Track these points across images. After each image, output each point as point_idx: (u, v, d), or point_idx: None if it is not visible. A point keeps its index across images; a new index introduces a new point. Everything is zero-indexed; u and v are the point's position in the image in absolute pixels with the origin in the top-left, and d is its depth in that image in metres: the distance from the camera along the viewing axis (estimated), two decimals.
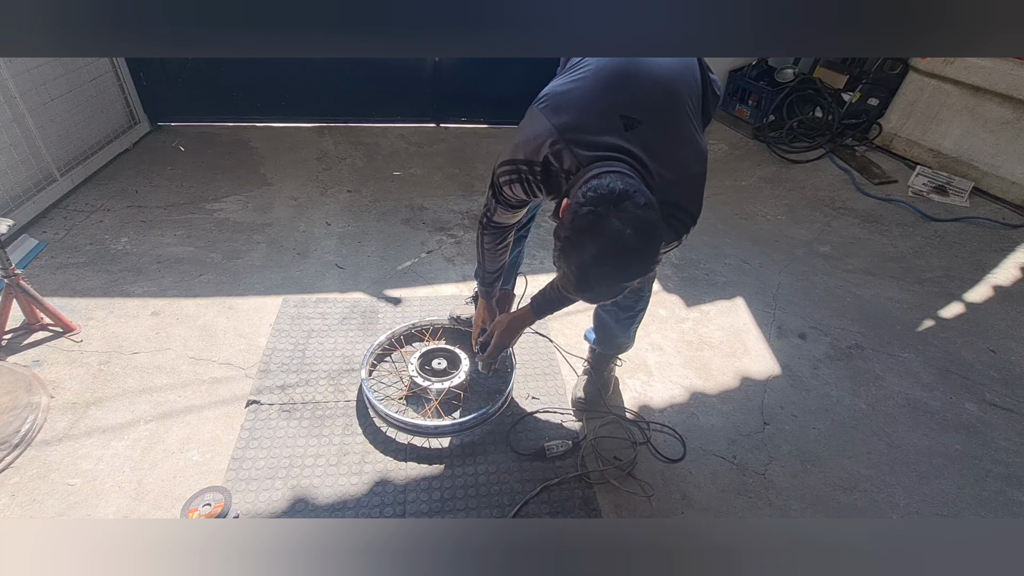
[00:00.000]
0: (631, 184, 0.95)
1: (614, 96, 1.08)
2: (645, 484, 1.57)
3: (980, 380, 2.00)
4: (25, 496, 1.40)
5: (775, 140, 3.67)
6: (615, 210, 0.92)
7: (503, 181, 1.18)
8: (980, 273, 2.59)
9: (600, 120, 1.06)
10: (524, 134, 1.13)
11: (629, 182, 0.95)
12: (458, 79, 3.59)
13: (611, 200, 0.92)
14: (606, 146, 1.04)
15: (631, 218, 0.92)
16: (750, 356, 2.04)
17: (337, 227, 2.59)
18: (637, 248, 0.94)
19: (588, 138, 1.05)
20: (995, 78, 3.03)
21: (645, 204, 0.94)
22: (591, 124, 1.06)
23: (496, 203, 1.27)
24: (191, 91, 3.33)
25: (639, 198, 0.93)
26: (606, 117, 1.06)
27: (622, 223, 0.91)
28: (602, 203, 0.92)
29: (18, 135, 2.33)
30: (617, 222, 0.91)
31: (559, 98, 1.11)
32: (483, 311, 1.65)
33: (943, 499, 1.60)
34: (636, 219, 0.92)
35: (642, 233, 0.93)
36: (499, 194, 1.23)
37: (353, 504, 1.45)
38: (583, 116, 1.07)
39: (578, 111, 1.08)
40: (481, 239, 1.42)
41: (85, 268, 2.16)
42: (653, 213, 0.95)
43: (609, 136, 1.05)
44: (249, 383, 1.75)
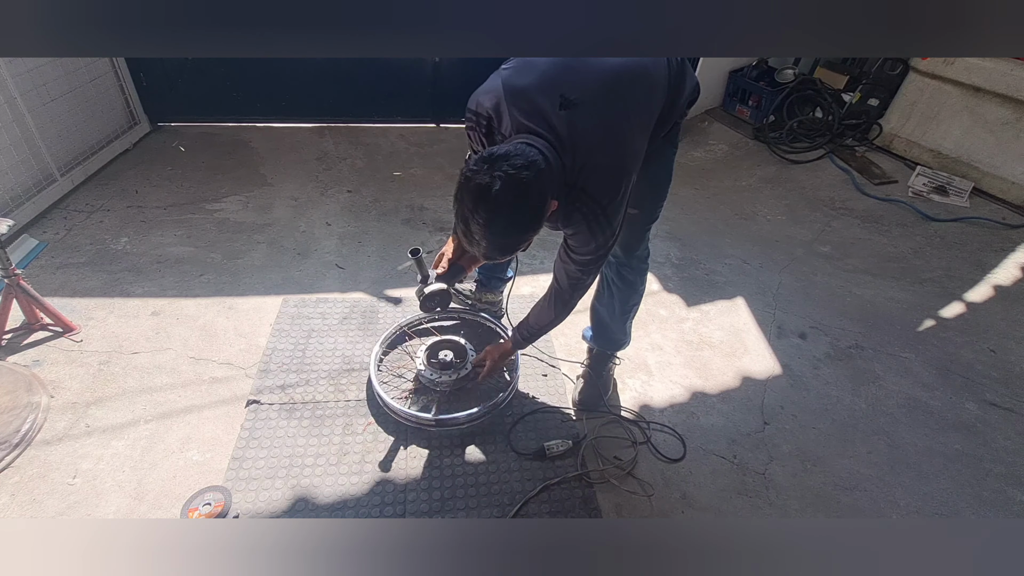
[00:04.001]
0: (518, 148, 1.02)
1: (562, 75, 1.13)
2: (645, 484, 1.57)
3: (980, 380, 2.00)
4: (25, 496, 1.40)
5: (775, 140, 3.67)
6: (489, 168, 1.00)
7: (466, 125, 1.26)
8: (980, 273, 2.59)
9: (541, 93, 1.12)
10: (482, 88, 1.21)
11: (518, 148, 1.03)
12: (458, 79, 3.59)
13: (490, 160, 1.01)
14: (536, 117, 1.10)
15: (502, 176, 0.99)
16: (750, 356, 2.04)
17: (337, 227, 2.59)
18: (505, 203, 1.01)
19: (525, 105, 1.12)
20: (995, 78, 3.03)
21: (521, 165, 1.00)
22: (532, 94, 1.12)
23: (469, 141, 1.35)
24: (191, 91, 3.32)
25: (517, 160, 1.00)
26: (547, 92, 1.11)
27: (492, 179, 0.99)
28: (482, 161, 1.01)
29: (18, 135, 2.33)
30: (488, 178, 1.00)
31: (521, 65, 1.17)
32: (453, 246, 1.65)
33: (943, 499, 1.60)
34: (507, 176, 0.99)
35: (510, 188, 1.00)
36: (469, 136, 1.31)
37: (353, 504, 1.45)
38: (529, 85, 1.13)
39: (528, 80, 1.13)
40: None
41: (85, 268, 2.16)
42: (527, 173, 1.01)
43: (542, 109, 1.10)
44: (249, 383, 1.75)
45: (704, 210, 3.00)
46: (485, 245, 1.08)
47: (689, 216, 2.90)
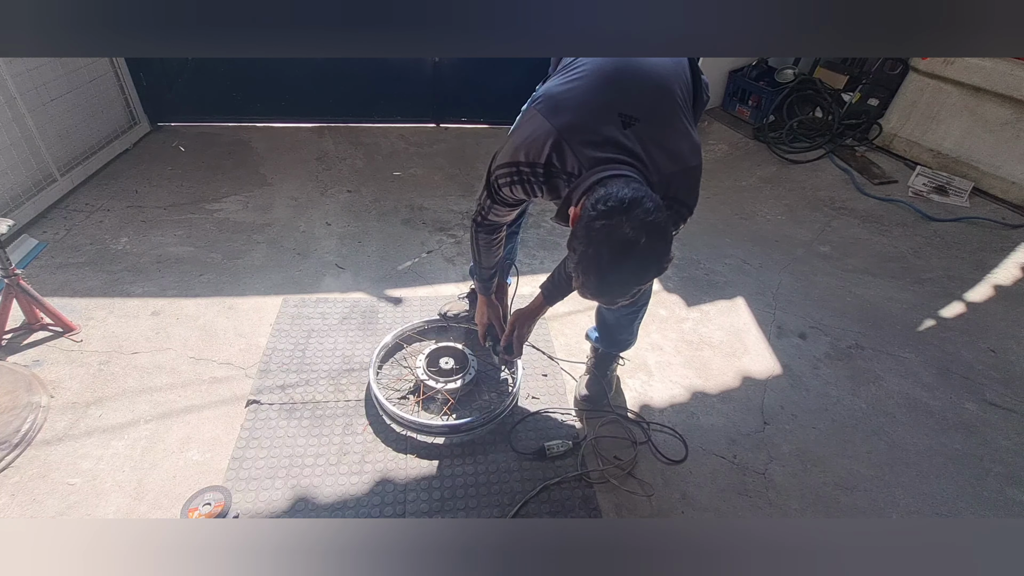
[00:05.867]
0: (638, 190, 0.97)
1: (611, 95, 1.09)
2: (645, 484, 1.57)
3: (980, 380, 2.00)
4: (25, 496, 1.40)
5: (775, 140, 3.67)
6: (627, 219, 0.94)
7: (502, 183, 1.18)
8: (980, 273, 2.59)
9: (599, 119, 1.07)
10: (522, 135, 1.14)
11: (635, 187, 0.98)
12: (458, 79, 3.59)
13: (622, 210, 0.94)
14: (607, 145, 1.05)
15: (642, 224, 0.94)
16: (750, 356, 2.04)
17: (337, 227, 2.59)
18: (651, 252, 0.96)
19: (589, 137, 1.06)
20: (995, 78, 3.03)
21: (654, 208, 0.96)
22: (590, 124, 1.07)
23: (492, 202, 1.28)
24: (191, 91, 3.32)
25: (648, 203, 0.95)
26: (604, 116, 1.07)
27: (635, 231, 0.94)
28: (614, 214, 0.94)
29: (18, 135, 2.33)
30: (630, 231, 0.94)
31: (557, 99, 1.12)
32: (483, 307, 1.65)
33: (943, 499, 1.60)
34: (647, 225, 0.94)
35: (654, 237, 0.95)
36: (496, 194, 1.24)
37: (353, 504, 1.45)
38: (582, 116, 1.08)
39: (577, 111, 1.09)
40: (476, 237, 1.43)
41: (85, 268, 2.16)
42: (662, 215, 0.97)
43: (609, 135, 1.06)
44: (249, 383, 1.75)
45: (704, 210, 2.99)
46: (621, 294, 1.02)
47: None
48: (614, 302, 1.08)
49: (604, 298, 1.05)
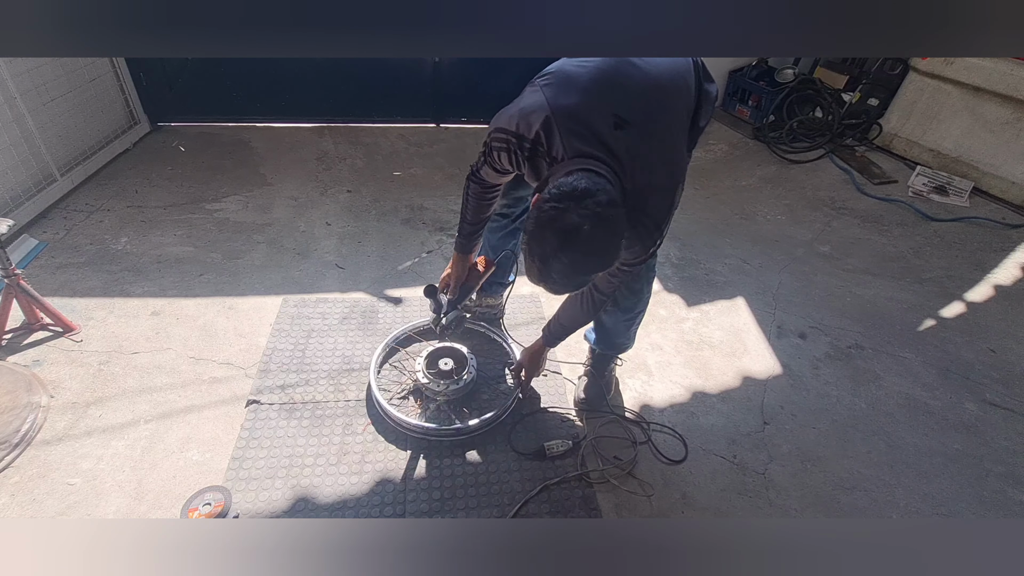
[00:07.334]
0: (596, 183, 0.98)
1: (612, 92, 1.09)
2: (645, 484, 1.57)
3: (980, 380, 2.00)
4: (25, 496, 1.40)
5: (775, 140, 3.67)
6: (576, 206, 0.95)
7: (495, 146, 1.20)
8: (980, 273, 2.59)
9: (594, 113, 1.08)
10: (522, 106, 1.15)
11: (596, 181, 0.99)
12: (458, 79, 3.59)
13: (573, 196, 0.96)
14: (594, 141, 1.06)
15: (590, 214, 0.95)
16: (750, 356, 2.04)
17: (337, 227, 2.59)
18: (595, 242, 0.97)
19: (579, 128, 1.07)
20: (995, 78, 3.03)
21: (607, 202, 0.97)
22: (584, 115, 1.08)
23: (484, 161, 1.30)
24: (191, 91, 3.32)
25: (601, 196, 0.97)
26: (600, 112, 1.08)
27: (581, 218, 0.95)
28: (564, 199, 0.97)
29: (18, 135, 2.33)
30: (576, 217, 0.95)
31: (564, 80, 1.12)
32: (456, 266, 1.59)
33: (943, 498, 1.60)
34: (595, 216, 0.95)
35: (601, 229, 0.96)
36: (488, 155, 1.25)
37: (353, 504, 1.45)
38: (581, 105, 1.09)
39: (578, 98, 1.09)
40: (468, 187, 1.43)
41: (85, 268, 2.16)
42: (614, 211, 0.98)
43: (599, 131, 1.07)
44: (249, 383, 1.75)
45: (704, 210, 2.99)
46: (563, 283, 1.04)
47: (689, 216, 2.89)
48: (557, 291, 1.09)
49: (547, 284, 1.06)
